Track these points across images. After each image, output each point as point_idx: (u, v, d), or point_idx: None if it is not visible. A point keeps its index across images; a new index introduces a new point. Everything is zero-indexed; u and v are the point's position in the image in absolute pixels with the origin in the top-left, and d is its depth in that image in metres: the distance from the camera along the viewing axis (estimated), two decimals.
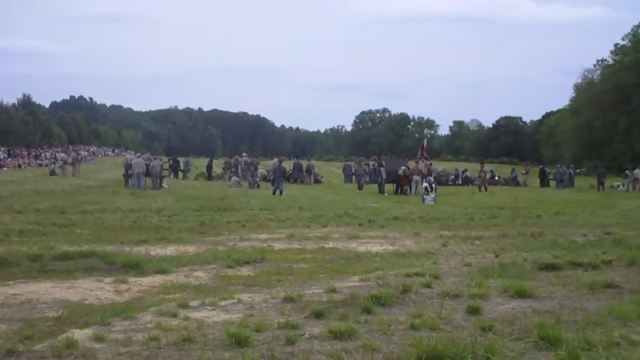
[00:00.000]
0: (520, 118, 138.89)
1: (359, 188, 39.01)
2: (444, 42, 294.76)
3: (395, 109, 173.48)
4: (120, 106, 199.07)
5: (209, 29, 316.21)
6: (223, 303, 7.66)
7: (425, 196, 30.07)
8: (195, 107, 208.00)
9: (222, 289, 9.32)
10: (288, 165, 44.46)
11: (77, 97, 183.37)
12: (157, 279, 10.10)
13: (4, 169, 55.12)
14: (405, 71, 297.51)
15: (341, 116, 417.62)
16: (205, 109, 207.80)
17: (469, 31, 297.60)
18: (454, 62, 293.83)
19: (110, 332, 6.29)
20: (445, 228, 17.95)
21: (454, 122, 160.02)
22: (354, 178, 44.12)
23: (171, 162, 49.09)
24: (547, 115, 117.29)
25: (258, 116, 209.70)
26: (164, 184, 35.34)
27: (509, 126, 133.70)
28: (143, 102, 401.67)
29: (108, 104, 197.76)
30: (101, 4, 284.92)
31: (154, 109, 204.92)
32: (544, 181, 48.15)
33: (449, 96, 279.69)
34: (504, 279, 8.78)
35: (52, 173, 45.71)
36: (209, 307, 7.45)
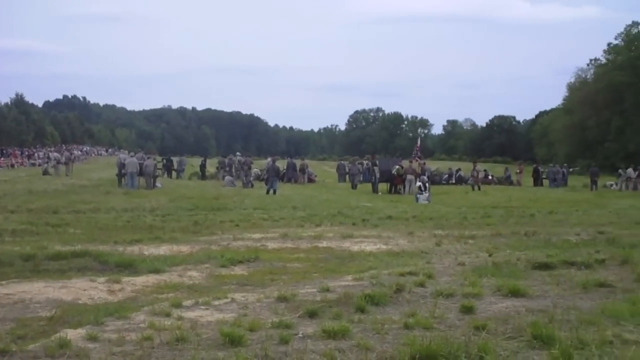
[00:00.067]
0: (514, 117, 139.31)
1: (352, 187, 39.02)
2: (437, 42, 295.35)
3: (389, 109, 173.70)
4: (113, 105, 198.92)
5: (203, 29, 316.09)
6: (216, 302, 7.66)
7: (418, 195, 30.10)
8: (189, 107, 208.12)
9: (215, 288, 9.32)
10: (282, 164, 44.43)
11: (70, 96, 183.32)
12: (151, 279, 10.09)
13: None
14: (399, 71, 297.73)
15: (335, 115, 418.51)
16: (199, 108, 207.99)
17: (462, 31, 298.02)
18: (447, 61, 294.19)
19: (103, 331, 6.28)
20: (438, 227, 17.97)
21: (448, 121, 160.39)
22: (347, 177, 44.13)
23: (164, 161, 49.03)
24: (541, 114, 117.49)
25: (252, 115, 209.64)
26: (158, 184, 35.27)
27: (502, 125, 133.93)
28: (136, 101, 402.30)
29: (101, 104, 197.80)
30: (95, 3, 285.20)
31: (147, 108, 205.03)
32: (538, 180, 48.24)
33: (443, 96, 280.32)
34: (497, 278, 8.79)
35: (45, 173, 45.63)
36: (203, 307, 7.45)
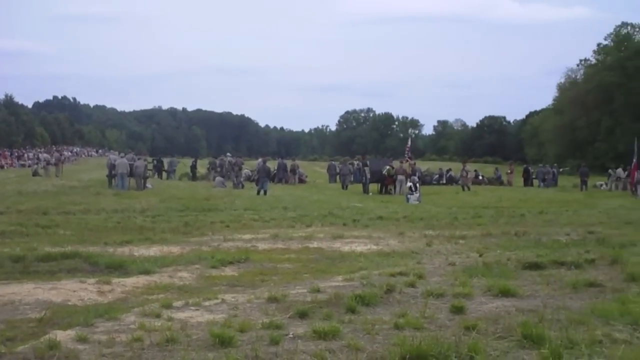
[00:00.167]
0: (504, 117, 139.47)
1: (343, 188, 39.04)
2: (428, 42, 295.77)
3: (379, 109, 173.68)
4: (104, 106, 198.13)
5: (194, 29, 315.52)
6: (207, 303, 7.65)
7: (409, 196, 30.13)
8: (179, 107, 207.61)
9: (206, 289, 9.31)
10: (272, 165, 44.41)
11: (60, 97, 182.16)
12: (141, 280, 10.07)
13: None
14: (389, 71, 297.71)
15: (325, 116, 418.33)
16: (190, 109, 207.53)
17: (452, 31, 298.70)
18: (438, 62, 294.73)
19: (93, 333, 6.26)
20: (429, 227, 18.00)
21: (438, 121, 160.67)
22: (338, 178, 44.12)
23: (155, 162, 48.95)
24: (531, 114, 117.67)
25: (242, 116, 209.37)
26: (148, 185, 35.20)
27: (492, 126, 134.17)
28: (127, 102, 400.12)
29: (92, 104, 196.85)
30: (85, 3, 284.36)
31: (137, 109, 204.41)
32: (528, 180, 48.37)
33: (433, 96, 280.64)
34: (487, 278, 8.80)
35: (35, 174, 45.47)
36: (193, 308, 7.44)
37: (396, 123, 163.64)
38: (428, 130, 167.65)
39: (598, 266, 10.09)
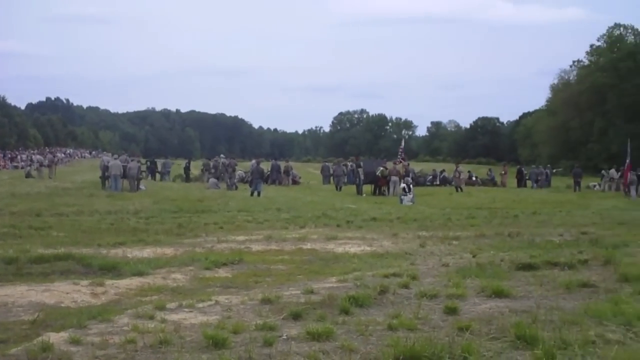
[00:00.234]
0: (498, 119, 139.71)
1: (337, 189, 39.00)
2: (421, 43, 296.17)
3: (373, 110, 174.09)
4: (97, 108, 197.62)
5: (187, 30, 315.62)
6: (200, 305, 7.64)
7: (403, 197, 30.14)
8: (173, 109, 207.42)
9: (199, 290, 9.31)
10: (266, 166, 44.40)
11: (53, 98, 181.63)
12: (134, 282, 10.06)
13: None
14: (383, 72, 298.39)
15: (319, 117, 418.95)
16: (183, 110, 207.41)
17: (446, 32, 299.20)
18: (431, 63, 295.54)
19: (86, 335, 6.24)
20: (423, 228, 18.02)
21: (432, 122, 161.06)
22: (332, 179, 44.10)
23: (148, 163, 48.86)
24: (524, 115, 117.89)
25: (236, 117, 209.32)
26: (142, 186, 35.12)
27: (486, 127, 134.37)
28: (120, 103, 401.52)
29: (85, 106, 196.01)
30: (78, 4, 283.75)
31: (131, 110, 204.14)
32: (521, 181, 48.44)
33: (427, 97, 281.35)
34: (481, 279, 8.80)
35: (28, 175, 45.29)
36: (187, 309, 7.43)
37: (390, 124, 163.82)
38: (422, 131, 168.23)
39: (591, 267, 10.09)
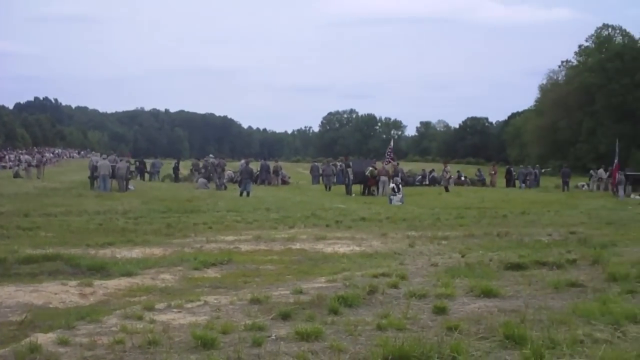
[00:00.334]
0: (487, 118, 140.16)
1: (326, 189, 39.00)
2: (410, 43, 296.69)
3: (362, 110, 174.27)
4: (85, 107, 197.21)
5: (176, 30, 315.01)
6: (189, 305, 7.63)
7: (392, 197, 30.16)
8: (162, 109, 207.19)
9: (188, 291, 9.30)
10: (255, 166, 44.35)
11: (41, 98, 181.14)
12: (123, 282, 10.04)
13: None
14: (372, 72, 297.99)
15: (308, 117, 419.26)
16: (172, 110, 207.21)
17: (435, 32, 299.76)
18: (420, 63, 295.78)
19: (74, 335, 6.22)
20: (412, 228, 18.04)
21: (421, 122, 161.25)
22: (321, 179, 44.09)
23: (137, 163, 48.76)
24: (513, 115, 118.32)
25: (225, 117, 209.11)
26: (130, 186, 35.06)
27: (475, 127, 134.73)
28: (109, 103, 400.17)
29: (73, 106, 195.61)
30: (67, 4, 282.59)
31: (120, 110, 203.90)
32: (510, 181, 48.61)
33: (416, 97, 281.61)
34: (470, 279, 8.82)
35: (16, 175, 45.11)
36: (175, 310, 7.41)
37: (379, 124, 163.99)
38: (411, 131, 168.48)
39: (579, 266, 10.13)
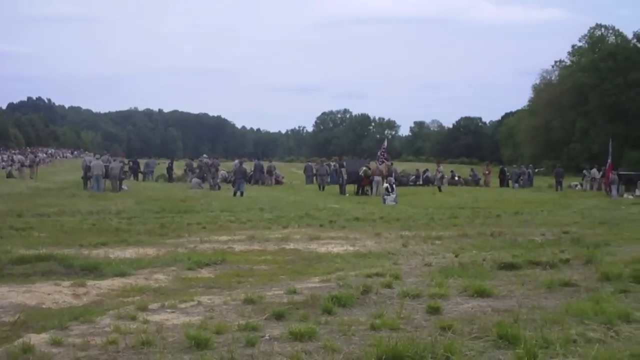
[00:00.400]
0: (480, 118, 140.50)
1: (320, 189, 39.00)
2: (404, 43, 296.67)
3: (356, 110, 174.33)
4: (79, 107, 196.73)
5: (169, 29, 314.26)
6: (183, 305, 7.61)
7: (386, 197, 30.18)
8: (156, 109, 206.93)
9: (182, 291, 9.28)
10: (249, 166, 44.35)
11: (34, 98, 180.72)
12: (117, 282, 10.02)
13: None
14: (365, 72, 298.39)
15: (302, 117, 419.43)
16: (166, 110, 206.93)
17: (428, 32, 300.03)
18: (414, 63, 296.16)
19: (67, 336, 6.20)
20: (405, 228, 18.04)
21: (415, 122, 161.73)
22: (315, 179, 44.10)
23: (131, 163, 48.69)
24: (507, 115, 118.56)
25: (219, 117, 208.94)
26: (124, 186, 35.00)
27: (469, 126, 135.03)
28: (102, 103, 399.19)
29: (67, 106, 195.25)
30: (59, 3, 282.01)
31: (113, 110, 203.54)
32: (504, 181, 48.68)
33: (410, 97, 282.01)
34: (463, 279, 8.82)
35: (9, 175, 45.02)
36: (169, 310, 7.40)
37: (373, 124, 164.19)
38: (404, 131, 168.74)
39: (573, 266, 10.14)
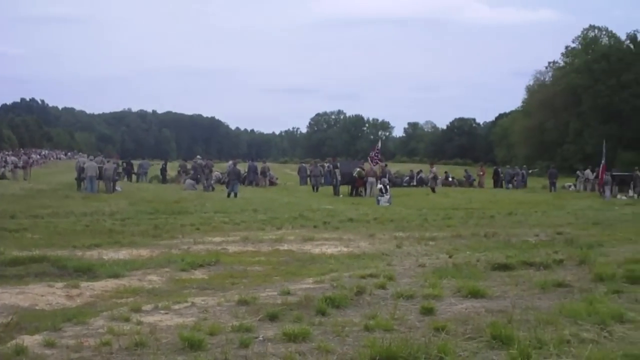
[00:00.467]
0: (474, 119, 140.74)
1: (314, 190, 39.01)
2: (398, 44, 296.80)
3: (350, 111, 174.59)
4: (72, 109, 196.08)
5: (163, 30, 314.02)
6: (176, 307, 7.60)
7: (379, 198, 30.18)
8: (149, 110, 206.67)
9: (175, 292, 9.26)
10: (243, 167, 44.33)
11: (28, 99, 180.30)
12: (110, 284, 10.00)
13: None
14: (359, 73, 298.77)
15: (296, 118, 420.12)
16: (160, 111, 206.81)
17: (422, 33, 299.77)
18: (408, 64, 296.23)
19: (61, 337, 6.19)
20: (399, 229, 18.04)
21: (409, 123, 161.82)
22: (309, 180, 44.10)
23: (124, 165, 48.62)
24: (500, 116, 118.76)
25: (213, 118, 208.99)
26: (117, 187, 34.93)
27: (462, 127, 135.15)
28: (96, 104, 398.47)
29: (60, 107, 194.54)
30: (52, 4, 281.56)
31: (107, 111, 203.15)
32: (498, 182, 48.74)
33: (404, 98, 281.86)
34: (457, 280, 8.83)
35: (3, 177, 44.92)
36: (162, 311, 7.39)
37: (367, 125, 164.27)
38: (398, 132, 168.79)
39: (566, 266, 10.16)
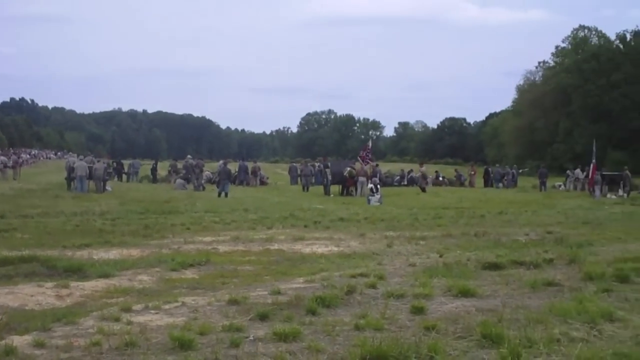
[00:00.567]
0: (465, 119, 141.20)
1: (304, 189, 39.00)
2: (388, 44, 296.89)
3: (340, 111, 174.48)
4: (62, 108, 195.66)
5: (153, 29, 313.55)
6: (167, 306, 7.58)
7: (370, 197, 30.21)
8: (140, 109, 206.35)
9: (166, 292, 9.24)
10: (233, 167, 44.28)
11: (17, 99, 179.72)
12: (100, 283, 9.97)
13: None
14: (350, 73, 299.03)
15: (287, 118, 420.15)
16: (150, 110, 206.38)
17: (413, 33, 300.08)
18: (398, 63, 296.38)
19: (51, 337, 6.17)
20: (390, 229, 18.05)
21: (399, 123, 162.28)
22: (299, 180, 44.10)
23: (115, 164, 48.52)
24: (491, 116, 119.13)
25: (203, 118, 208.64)
26: (108, 187, 34.86)
27: (453, 127, 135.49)
28: (86, 104, 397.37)
29: (50, 106, 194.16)
30: (42, 3, 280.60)
31: (97, 111, 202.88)
32: (488, 181, 48.83)
33: (394, 98, 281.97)
34: (447, 279, 8.85)
35: None
36: (153, 311, 7.37)
37: (357, 125, 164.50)
38: (389, 131, 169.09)
39: (556, 266, 10.19)
